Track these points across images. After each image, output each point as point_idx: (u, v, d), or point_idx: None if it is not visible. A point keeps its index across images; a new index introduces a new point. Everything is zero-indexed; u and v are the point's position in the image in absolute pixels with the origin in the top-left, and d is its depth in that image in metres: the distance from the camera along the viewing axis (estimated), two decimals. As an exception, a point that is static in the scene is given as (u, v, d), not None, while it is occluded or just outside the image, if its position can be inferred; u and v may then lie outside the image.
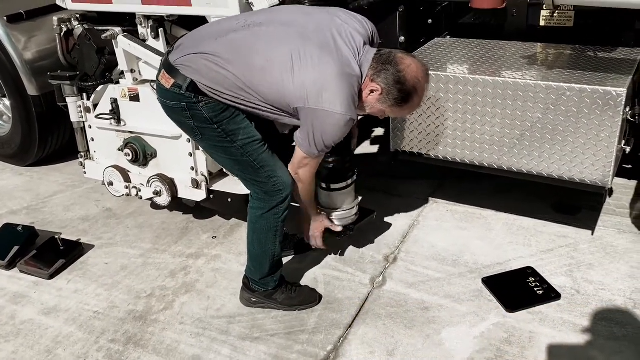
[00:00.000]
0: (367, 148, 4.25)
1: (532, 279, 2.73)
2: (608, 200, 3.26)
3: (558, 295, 2.62)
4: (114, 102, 3.19)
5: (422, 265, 2.92)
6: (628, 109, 2.55)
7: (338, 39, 2.21)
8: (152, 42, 3.02)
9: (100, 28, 3.12)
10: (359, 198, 2.90)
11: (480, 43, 3.16)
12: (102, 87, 3.26)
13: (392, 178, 3.77)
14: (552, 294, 2.63)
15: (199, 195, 3.13)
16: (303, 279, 2.89)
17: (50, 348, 2.59)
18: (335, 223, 2.79)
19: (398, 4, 3.10)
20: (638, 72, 2.70)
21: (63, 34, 3.34)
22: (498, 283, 2.73)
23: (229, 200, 3.07)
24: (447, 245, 3.06)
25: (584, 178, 2.64)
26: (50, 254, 3.15)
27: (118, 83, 3.22)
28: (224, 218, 3.47)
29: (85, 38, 3.24)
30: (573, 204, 3.28)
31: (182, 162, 3.10)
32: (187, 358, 2.47)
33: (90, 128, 3.41)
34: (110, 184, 3.35)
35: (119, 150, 3.26)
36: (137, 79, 3.15)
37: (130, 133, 3.23)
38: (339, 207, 2.80)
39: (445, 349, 2.41)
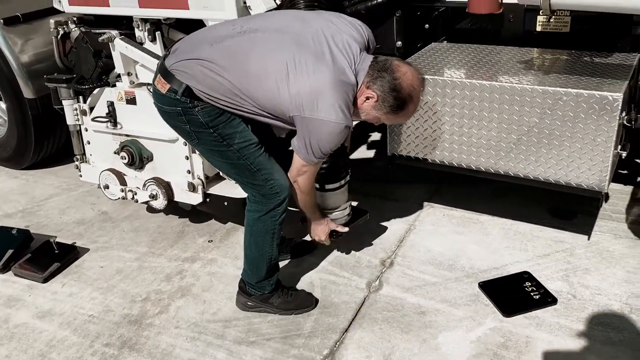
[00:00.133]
0: (363, 153, 4.25)
1: (528, 284, 2.73)
2: (604, 206, 3.26)
3: (554, 300, 2.62)
4: (111, 105, 3.19)
5: (418, 270, 2.92)
6: (624, 114, 2.56)
7: (333, 47, 2.20)
8: (149, 45, 3.03)
9: (97, 31, 3.13)
10: (351, 202, 2.88)
11: (477, 48, 3.16)
12: (98, 90, 3.26)
13: (388, 182, 3.77)
14: (548, 299, 2.63)
15: (195, 199, 3.12)
16: (299, 283, 2.88)
17: (44, 352, 2.57)
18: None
19: (395, 9, 3.11)
20: (634, 77, 2.71)
21: (60, 37, 3.35)
22: (494, 288, 2.73)
23: (226, 204, 3.06)
24: (443, 250, 3.06)
25: (581, 182, 2.64)
26: (45, 258, 3.13)
27: (114, 86, 3.21)
28: (220, 222, 3.47)
29: (82, 41, 3.23)
30: (569, 209, 3.28)
31: (178, 165, 3.10)
32: (182, 362, 2.46)
33: (87, 131, 3.40)
34: (106, 187, 3.34)
35: (115, 153, 3.25)
36: (133, 82, 3.15)
37: (127, 136, 3.22)
38: (332, 207, 2.79)
39: (442, 354, 2.41)
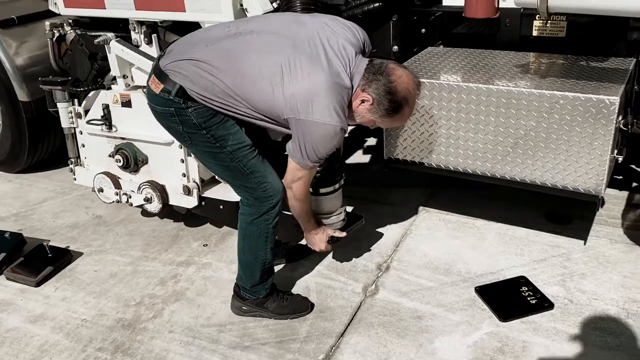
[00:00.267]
0: (359, 157, 4.25)
1: (525, 289, 2.72)
2: (600, 211, 3.26)
3: (551, 305, 2.61)
4: (106, 107, 3.17)
5: (414, 274, 2.90)
6: (620, 118, 2.56)
7: (329, 50, 2.19)
8: (145, 47, 3.02)
9: (93, 33, 3.12)
10: (345, 206, 2.87)
11: (474, 52, 3.16)
12: (93, 92, 3.25)
13: (384, 187, 3.76)
14: (545, 304, 2.62)
15: (191, 202, 3.10)
16: (295, 287, 2.86)
17: (36, 357, 2.54)
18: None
19: (391, 13, 3.11)
20: (630, 81, 2.71)
21: (55, 39, 3.34)
22: (491, 292, 2.72)
23: (221, 208, 3.04)
24: (439, 254, 3.04)
25: (577, 186, 2.63)
26: (38, 261, 3.10)
27: (110, 89, 3.20)
28: (215, 225, 3.45)
29: (78, 43, 3.22)
30: (565, 214, 3.28)
31: (173, 168, 3.08)
32: (176, 367, 2.44)
33: (81, 134, 3.38)
34: (101, 191, 3.32)
35: (110, 157, 3.23)
36: (129, 85, 3.14)
37: (122, 139, 3.20)
38: (327, 212, 2.77)
39: (438, 358, 2.39)
